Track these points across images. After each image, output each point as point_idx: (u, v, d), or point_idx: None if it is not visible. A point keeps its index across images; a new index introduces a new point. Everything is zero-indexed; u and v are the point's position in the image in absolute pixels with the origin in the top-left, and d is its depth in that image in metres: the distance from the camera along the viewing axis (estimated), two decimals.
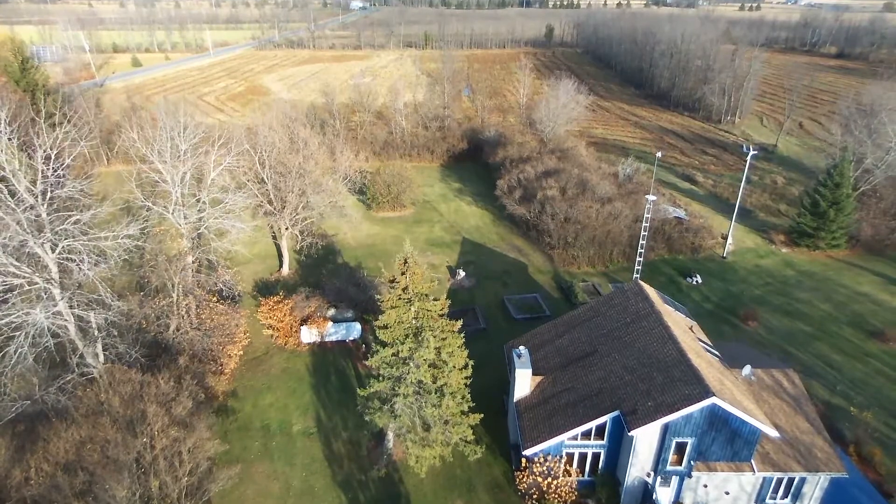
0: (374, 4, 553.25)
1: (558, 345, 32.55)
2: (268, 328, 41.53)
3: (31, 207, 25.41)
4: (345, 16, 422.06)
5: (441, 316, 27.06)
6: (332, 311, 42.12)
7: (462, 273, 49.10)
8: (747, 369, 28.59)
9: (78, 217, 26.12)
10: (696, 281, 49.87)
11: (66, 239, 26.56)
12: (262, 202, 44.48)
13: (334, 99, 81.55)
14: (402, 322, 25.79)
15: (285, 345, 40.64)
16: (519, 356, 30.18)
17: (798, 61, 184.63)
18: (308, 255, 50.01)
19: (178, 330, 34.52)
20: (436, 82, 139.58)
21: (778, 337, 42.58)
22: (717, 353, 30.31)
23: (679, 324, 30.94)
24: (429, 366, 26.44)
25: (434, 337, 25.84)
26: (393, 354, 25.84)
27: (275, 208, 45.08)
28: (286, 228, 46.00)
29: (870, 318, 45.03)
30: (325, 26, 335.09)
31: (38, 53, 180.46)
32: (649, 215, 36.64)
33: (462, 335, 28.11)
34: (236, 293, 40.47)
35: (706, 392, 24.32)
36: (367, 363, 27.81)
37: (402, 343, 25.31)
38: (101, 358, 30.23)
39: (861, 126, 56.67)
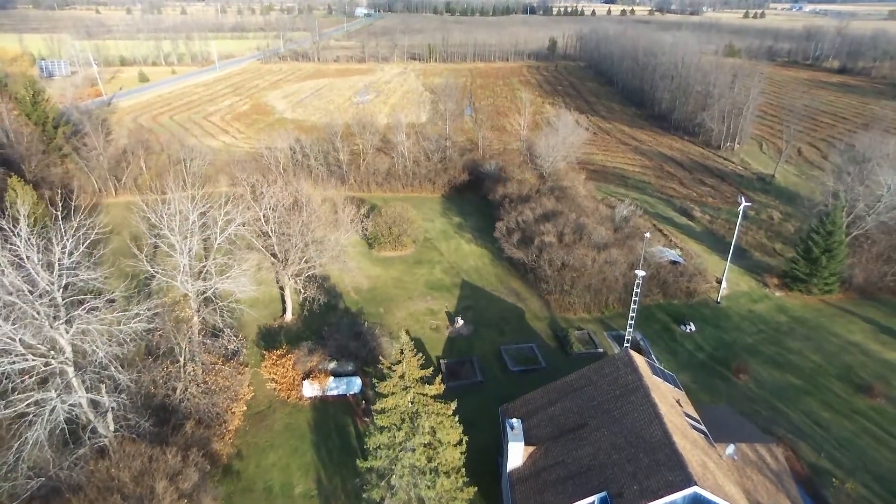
0: (379, 11, 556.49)
1: (550, 413, 33.72)
2: (271, 381, 42.86)
3: (50, 298, 26.79)
4: (349, 23, 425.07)
5: (435, 398, 28.23)
6: (332, 365, 43.38)
7: (461, 321, 50.31)
8: (731, 448, 29.69)
9: (92, 304, 27.52)
10: (690, 329, 50.93)
11: (79, 321, 27.91)
12: (266, 255, 45.82)
13: (338, 131, 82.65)
14: (399, 407, 27.03)
15: (287, 398, 41.90)
16: (512, 428, 31.36)
17: (800, 77, 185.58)
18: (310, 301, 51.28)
19: (185, 391, 35.87)
20: (439, 99, 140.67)
21: (768, 392, 43.60)
22: (702, 427, 31.38)
23: (667, 397, 32.06)
24: (424, 446, 27.63)
25: (429, 420, 27.05)
26: (389, 438, 27.05)
27: (278, 260, 46.42)
28: (289, 279, 47.33)
29: (859, 371, 45.96)
30: (330, 35, 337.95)
31: (46, 68, 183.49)
32: (639, 290, 37.74)
33: (457, 417, 29.16)
34: (241, 356, 41.77)
35: (688, 480, 25.42)
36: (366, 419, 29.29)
37: (399, 429, 26.54)
38: (112, 427, 31.59)
39: (853, 173, 57.69)
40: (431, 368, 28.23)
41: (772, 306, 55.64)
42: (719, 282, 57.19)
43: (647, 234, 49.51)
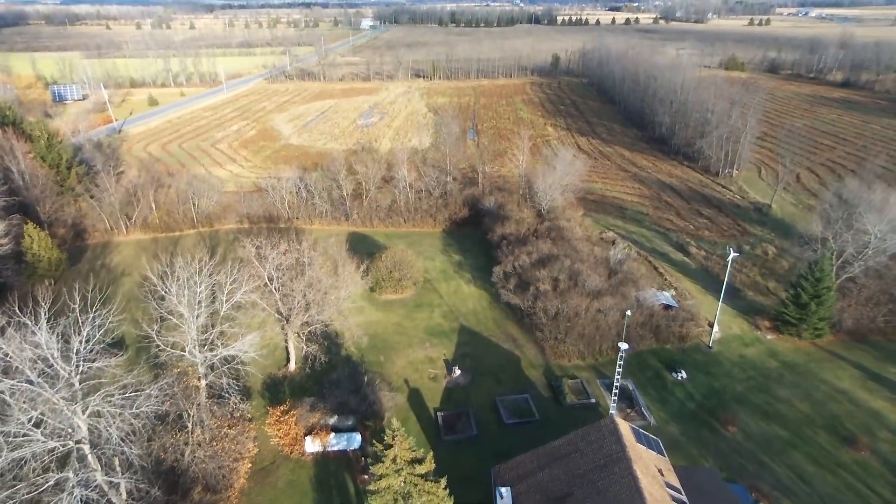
0: (384, 23, 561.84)
1: (539, 479, 35.37)
2: (275, 437, 44.76)
3: (69, 385, 28.90)
4: (354, 37, 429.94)
5: (425, 476, 29.96)
6: (333, 420, 45.22)
7: (458, 371, 52.04)
8: None
9: (107, 391, 29.58)
10: (681, 377, 52.29)
11: (94, 404, 29.98)
12: (270, 312, 47.89)
13: (341, 169, 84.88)
14: (391, 487, 28.81)
15: (290, 453, 43.73)
16: (502, 497, 33.14)
17: (802, 93, 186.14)
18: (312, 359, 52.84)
19: (193, 455, 37.83)
20: (443, 122, 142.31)
21: (755, 444, 44.89)
22: (683, 498, 32.89)
23: (649, 468, 33.63)
24: None
25: (420, 499, 28.82)
26: None
27: (282, 316, 48.46)
28: (292, 332, 49.31)
29: (846, 422, 47.12)
30: (335, 50, 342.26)
31: (58, 93, 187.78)
32: (623, 362, 39.39)
33: (446, 488, 30.90)
34: (247, 414, 43.79)
35: None
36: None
37: None
38: (124, 497, 33.58)
39: (841, 219, 58.93)
40: (422, 450, 29.93)
41: (763, 350, 56.86)
42: (711, 325, 58.52)
43: (629, 312, 51.63)
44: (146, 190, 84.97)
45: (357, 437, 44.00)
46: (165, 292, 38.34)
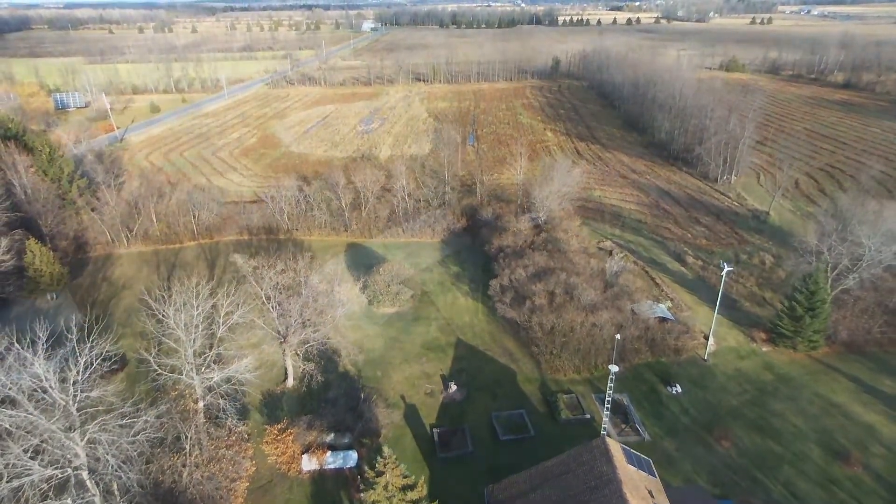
0: (385, 25, 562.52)
1: (532, 500, 35.78)
2: (272, 455, 45.30)
3: (67, 414, 29.52)
4: (356, 39, 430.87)
5: (417, 503, 30.46)
6: (330, 437, 45.78)
7: (454, 387, 52.47)
8: None
9: (104, 419, 30.18)
10: (676, 391, 52.61)
11: (91, 431, 30.58)
12: (268, 331, 48.47)
13: (339, 181, 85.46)
14: None
15: (288, 471, 44.28)
16: None
17: (803, 95, 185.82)
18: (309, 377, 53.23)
19: (190, 476, 38.39)
20: (442, 129, 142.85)
21: (748, 460, 45.18)
22: None
23: (639, 489, 34.02)
24: None
25: None
26: None
27: (280, 334, 49.03)
28: (290, 350, 49.88)
29: (838, 437, 47.34)
30: (336, 53, 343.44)
31: (61, 101, 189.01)
32: (613, 384, 39.78)
33: None
34: (244, 433, 44.35)
35: None
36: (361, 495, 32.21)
37: None
38: None
39: (836, 232, 59.10)
40: (413, 476, 30.41)
41: (759, 363, 57.06)
42: (707, 338, 58.77)
43: (618, 336, 52.05)
44: (147, 202, 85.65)
45: (353, 455, 44.51)
46: (163, 316, 38.94)
